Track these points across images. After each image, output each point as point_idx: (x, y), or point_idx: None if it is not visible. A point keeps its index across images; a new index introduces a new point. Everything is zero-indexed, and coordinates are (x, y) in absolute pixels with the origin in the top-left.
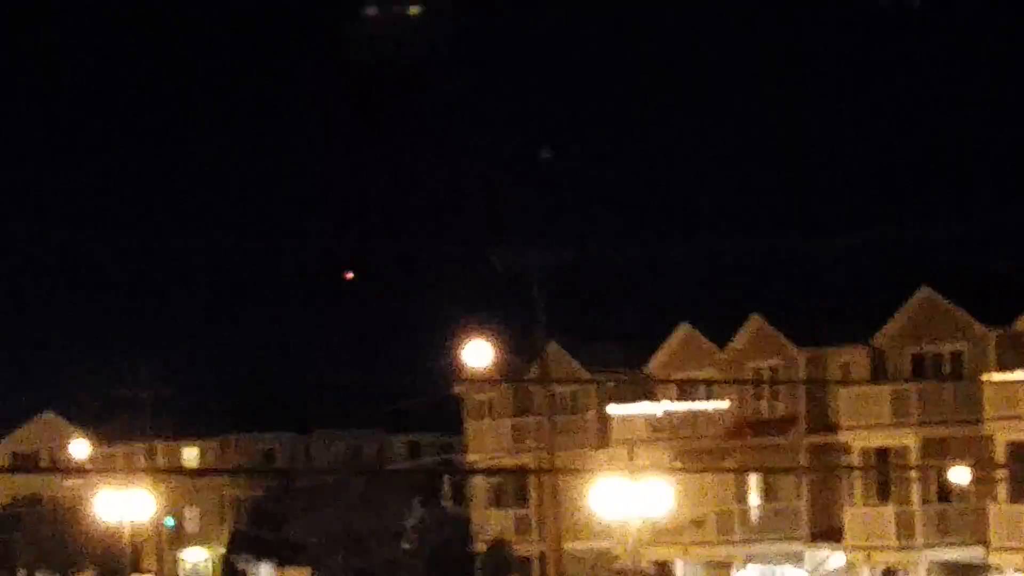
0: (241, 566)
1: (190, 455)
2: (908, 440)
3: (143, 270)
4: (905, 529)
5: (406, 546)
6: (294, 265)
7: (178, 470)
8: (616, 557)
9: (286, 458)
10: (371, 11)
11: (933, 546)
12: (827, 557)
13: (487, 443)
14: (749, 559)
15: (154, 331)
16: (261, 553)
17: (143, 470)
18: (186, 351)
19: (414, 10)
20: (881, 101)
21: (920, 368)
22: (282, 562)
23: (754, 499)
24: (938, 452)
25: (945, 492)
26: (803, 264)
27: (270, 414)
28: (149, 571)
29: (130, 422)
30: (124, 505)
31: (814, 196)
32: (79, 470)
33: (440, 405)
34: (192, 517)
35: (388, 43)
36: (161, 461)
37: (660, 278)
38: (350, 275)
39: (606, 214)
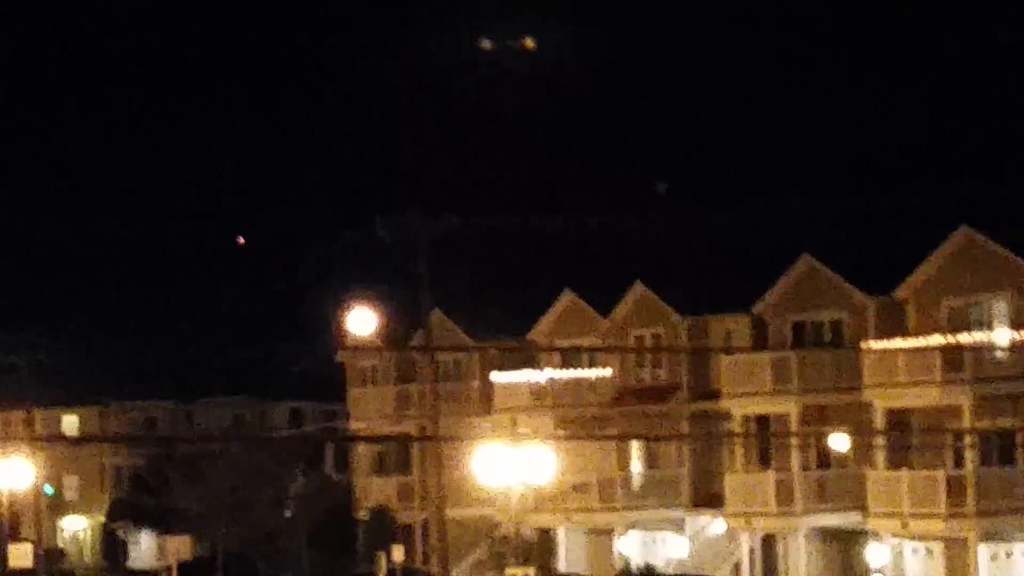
0: (121, 534)
1: (70, 423)
2: (788, 407)
3: (23, 237)
4: (785, 495)
5: (288, 513)
6: (177, 233)
7: (58, 438)
8: (499, 524)
9: (167, 426)
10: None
11: (812, 512)
12: (708, 523)
13: (370, 410)
14: (631, 526)
15: (33, 298)
16: (142, 521)
17: (21, 438)
18: (66, 318)
19: (529, 43)
20: (767, 71)
21: (801, 336)
22: (163, 530)
23: (636, 466)
24: (818, 419)
25: (824, 459)
26: (686, 232)
27: (151, 382)
28: (28, 540)
29: (8, 389)
30: (2, 473)
31: (697, 165)
32: None
33: (323, 373)
34: (72, 485)
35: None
36: (40, 429)
37: (544, 246)
38: (241, 240)
39: (491, 182)
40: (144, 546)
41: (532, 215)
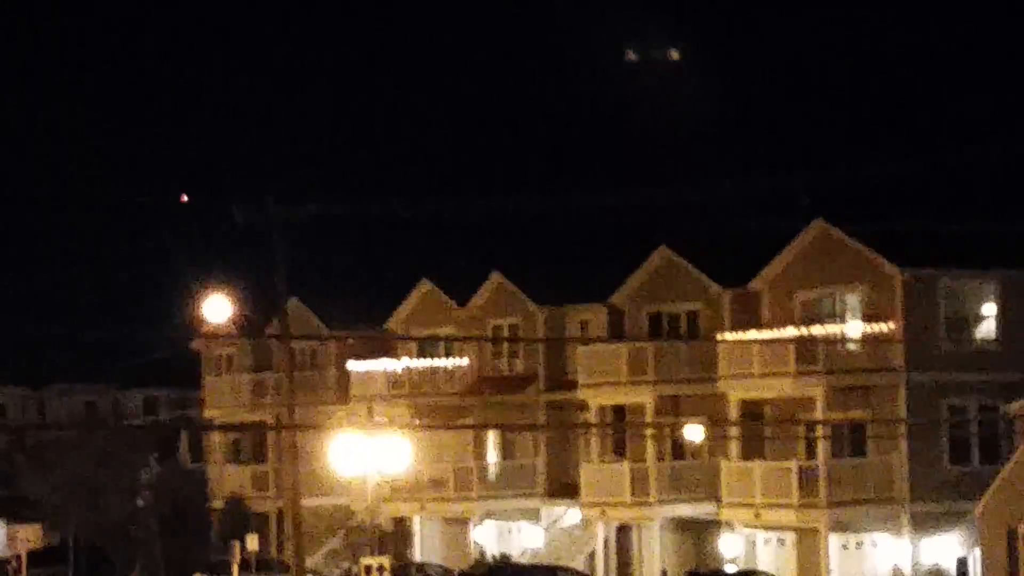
0: None
1: None
2: (644, 398)
3: None
4: (640, 485)
5: (141, 502)
6: (29, 214)
7: None
8: (354, 513)
9: (17, 413)
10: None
11: (667, 502)
12: (563, 513)
13: (225, 399)
14: (487, 515)
15: None
16: None
17: None
18: None
19: (675, 54)
20: (628, 57)
21: (657, 327)
22: (12, 519)
23: (492, 456)
24: (673, 410)
25: (679, 449)
26: (543, 222)
27: (0, 367)
28: None
29: None
30: None
31: (555, 154)
32: None
33: (178, 360)
34: None
35: None
36: None
37: (401, 234)
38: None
39: (349, 167)
40: None
41: (389, 203)
